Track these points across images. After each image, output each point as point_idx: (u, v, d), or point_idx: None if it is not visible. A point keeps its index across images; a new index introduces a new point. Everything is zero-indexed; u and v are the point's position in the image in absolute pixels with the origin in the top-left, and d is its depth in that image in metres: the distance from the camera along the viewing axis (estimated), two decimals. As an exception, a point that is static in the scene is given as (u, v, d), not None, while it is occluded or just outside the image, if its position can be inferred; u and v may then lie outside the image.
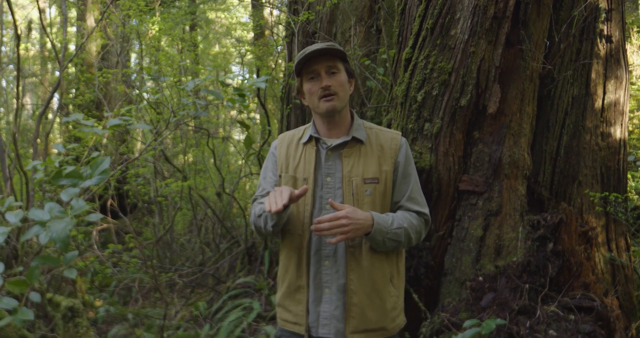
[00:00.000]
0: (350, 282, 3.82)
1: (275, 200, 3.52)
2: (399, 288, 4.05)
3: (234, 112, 20.30)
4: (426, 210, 4.04)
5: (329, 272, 3.87)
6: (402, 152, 4.04)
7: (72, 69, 19.37)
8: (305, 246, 3.92)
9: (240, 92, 6.67)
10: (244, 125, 7.19)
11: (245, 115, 15.92)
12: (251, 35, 28.07)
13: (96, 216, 4.94)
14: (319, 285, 3.90)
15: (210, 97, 13.46)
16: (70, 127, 17.95)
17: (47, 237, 4.48)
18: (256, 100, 13.48)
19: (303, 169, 4.00)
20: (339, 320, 3.83)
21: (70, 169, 4.89)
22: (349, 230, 3.58)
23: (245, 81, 7.59)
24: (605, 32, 7.82)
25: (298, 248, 3.95)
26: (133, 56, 25.00)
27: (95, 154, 5.79)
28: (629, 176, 10.64)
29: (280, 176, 4.10)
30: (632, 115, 12.30)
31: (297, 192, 3.61)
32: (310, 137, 4.08)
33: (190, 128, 16.03)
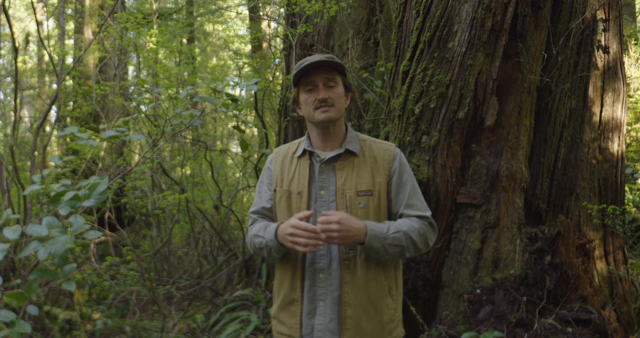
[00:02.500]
0: (344, 295, 3.82)
1: (300, 237, 3.62)
2: (396, 300, 4.05)
3: (231, 125, 20.31)
4: (427, 214, 4.01)
5: (323, 284, 3.87)
6: (396, 162, 4.04)
7: (69, 82, 19.40)
8: (299, 259, 3.93)
9: (232, 97, 6.68)
10: (238, 129, 7.20)
11: (241, 122, 15.94)
12: (249, 47, 28.13)
13: (96, 234, 4.94)
14: (313, 298, 3.90)
15: (208, 108, 13.50)
16: (68, 139, 17.97)
17: (45, 253, 4.49)
18: (254, 112, 13.48)
19: (297, 183, 4.01)
20: (334, 332, 3.83)
21: (70, 194, 4.89)
22: (337, 236, 3.58)
23: (237, 86, 7.63)
24: (603, 44, 7.84)
25: (293, 262, 3.96)
26: (131, 69, 25.03)
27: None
28: (627, 189, 10.66)
29: (275, 190, 4.11)
30: (629, 127, 12.32)
31: (301, 216, 3.70)
32: (304, 151, 4.08)
33: (187, 140, 16.05)
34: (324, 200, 3.93)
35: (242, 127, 16.25)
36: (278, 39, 17.99)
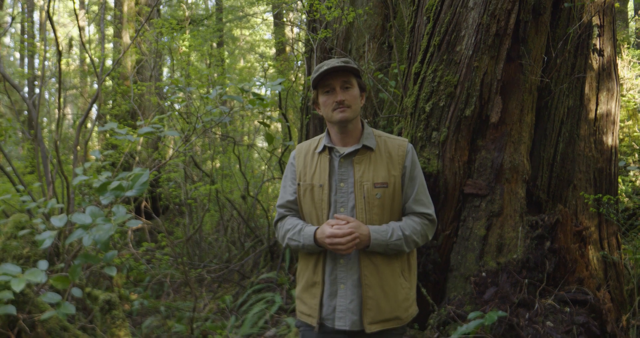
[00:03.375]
0: (364, 277, 3.85)
1: (340, 245, 3.74)
2: (410, 281, 4.08)
3: (257, 122, 20.32)
4: (431, 211, 4.06)
5: (344, 269, 3.91)
6: (408, 158, 4.07)
7: (109, 82, 19.47)
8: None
9: (259, 96, 6.72)
10: (264, 124, 7.24)
11: (267, 119, 15.94)
12: (273, 51, 28.13)
13: (136, 222, 4.99)
14: (334, 281, 3.93)
15: (236, 106, 13.52)
16: (108, 135, 18.03)
17: (90, 239, 4.54)
18: (278, 110, 13.50)
19: (319, 176, 4.04)
20: (354, 312, 3.85)
21: (114, 184, 4.94)
22: (357, 243, 3.73)
23: (263, 86, 7.67)
24: (598, 47, 7.84)
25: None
26: (165, 70, 25.07)
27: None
28: (620, 180, 10.65)
29: (299, 184, 4.14)
30: (622, 124, 12.30)
31: (332, 222, 3.83)
32: (325, 147, 4.11)
33: (217, 136, 16.07)
34: (344, 191, 3.95)
35: (267, 122, 16.27)
36: (300, 43, 17.92)
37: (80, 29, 10.20)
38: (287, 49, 21.25)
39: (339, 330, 3.90)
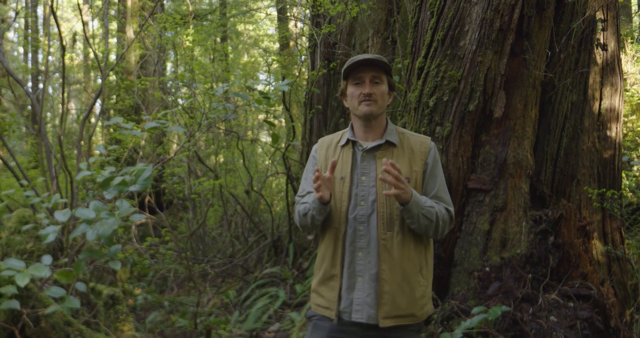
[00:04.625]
0: (382, 272, 3.86)
1: (320, 183, 3.74)
2: (427, 279, 4.09)
3: (261, 116, 20.30)
4: (451, 208, 4.07)
5: (362, 262, 3.92)
6: (431, 155, 4.11)
7: (113, 77, 19.46)
8: (341, 238, 3.97)
9: (265, 95, 6.72)
10: (270, 124, 7.24)
11: (272, 117, 15.95)
12: (277, 46, 28.09)
13: (140, 217, 5.00)
14: (352, 274, 3.94)
15: (240, 102, 13.54)
16: (111, 130, 18.05)
17: (94, 234, 4.55)
18: (282, 105, 13.51)
19: (341, 169, 4.06)
20: (371, 306, 3.86)
21: (118, 179, 4.95)
22: (402, 190, 3.65)
23: (270, 86, 7.67)
24: (602, 42, 7.85)
25: (334, 240, 4.00)
26: (169, 65, 25.09)
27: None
28: (623, 175, 10.65)
29: None
30: (626, 119, 12.31)
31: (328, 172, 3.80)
32: (348, 140, 4.14)
33: (221, 131, 16.09)
34: (365, 185, 3.97)
35: (271, 120, 16.27)
36: (304, 38, 17.95)
37: (84, 23, 10.23)
38: (291, 43, 21.23)
39: (355, 323, 3.91)
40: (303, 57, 15.63)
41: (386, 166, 3.64)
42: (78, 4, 10.11)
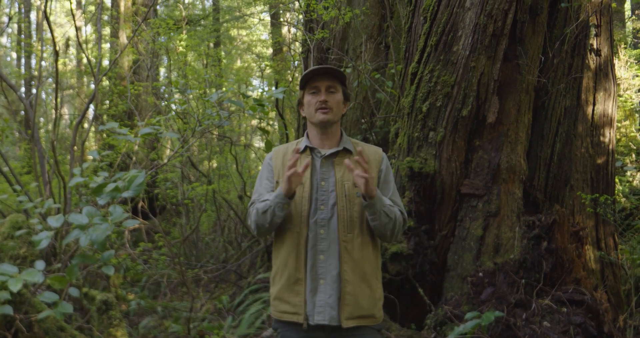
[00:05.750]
0: (344, 273, 3.93)
1: (292, 174, 3.79)
2: (380, 282, 4.18)
3: (254, 122, 20.32)
4: (405, 212, 4.19)
5: (324, 264, 3.99)
6: (384, 162, 4.25)
7: (106, 82, 19.42)
8: (303, 242, 4.03)
9: (259, 102, 6.73)
10: (264, 131, 7.25)
11: (265, 123, 15.96)
12: (270, 51, 28.10)
13: (133, 222, 5.00)
14: (315, 277, 3.99)
15: (233, 107, 13.53)
16: (105, 135, 18.04)
17: (87, 239, 4.54)
18: (275, 110, 13.52)
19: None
20: (333, 307, 3.92)
21: (111, 185, 4.95)
22: (371, 178, 3.77)
23: (265, 93, 7.66)
24: (595, 47, 7.86)
25: (296, 245, 4.05)
26: (162, 70, 25.07)
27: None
28: (617, 180, 10.68)
29: (277, 182, 4.22)
30: (619, 124, 12.35)
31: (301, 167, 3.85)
32: (306, 147, 4.24)
33: (214, 136, 16.09)
34: (324, 190, 4.07)
35: (264, 126, 16.28)
36: (297, 43, 17.95)
37: (77, 29, 10.21)
38: (284, 49, 21.24)
39: (319, 326, 3.95)
40: (296, 62, 15.64)
41: (357, 157, 3.78)
42: (71, 9, 10.11)
